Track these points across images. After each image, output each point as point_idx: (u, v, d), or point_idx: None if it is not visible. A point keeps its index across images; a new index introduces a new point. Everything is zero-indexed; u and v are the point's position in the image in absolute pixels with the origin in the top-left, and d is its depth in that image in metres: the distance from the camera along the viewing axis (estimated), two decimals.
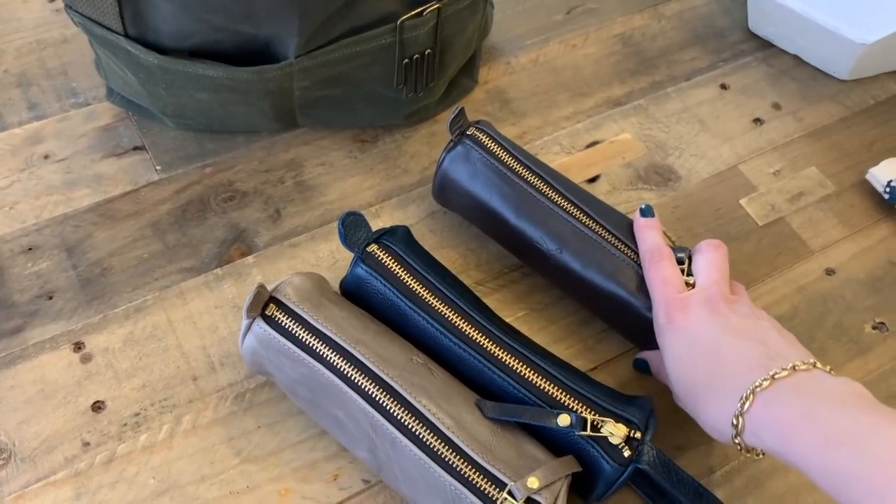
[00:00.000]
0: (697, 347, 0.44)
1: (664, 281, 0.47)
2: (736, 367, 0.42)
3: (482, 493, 0.40)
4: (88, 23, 0.50)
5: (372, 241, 0.48)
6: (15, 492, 0.45)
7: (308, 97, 0.55)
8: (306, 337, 0.44)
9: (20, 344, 0.50)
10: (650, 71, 0.68)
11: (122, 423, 0.48)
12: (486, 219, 0.53)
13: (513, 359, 0.45)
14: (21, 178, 0.57)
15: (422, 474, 0.41)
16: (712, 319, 0.44)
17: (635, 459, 0.42)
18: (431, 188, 0.55)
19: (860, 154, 0.65)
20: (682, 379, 0.44)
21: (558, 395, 0.44)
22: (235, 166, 0.59)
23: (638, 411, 0.43)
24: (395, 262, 0.47)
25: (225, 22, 0.48)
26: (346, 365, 0.43)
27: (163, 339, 0.51)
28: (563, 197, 0.51)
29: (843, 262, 0.58)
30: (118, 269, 0.54)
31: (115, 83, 0.57)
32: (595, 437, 0.42)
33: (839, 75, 0.68)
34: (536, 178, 0.52)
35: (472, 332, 0.46)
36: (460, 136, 0.53)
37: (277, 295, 0.45)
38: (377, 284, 0.47)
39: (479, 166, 0.52)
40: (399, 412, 0.42)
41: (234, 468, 0.47)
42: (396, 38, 0.52)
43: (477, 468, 0.41)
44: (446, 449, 0.41)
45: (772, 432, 0.39)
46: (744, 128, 0.65)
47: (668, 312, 0.46)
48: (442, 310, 0.46)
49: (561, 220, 0.50)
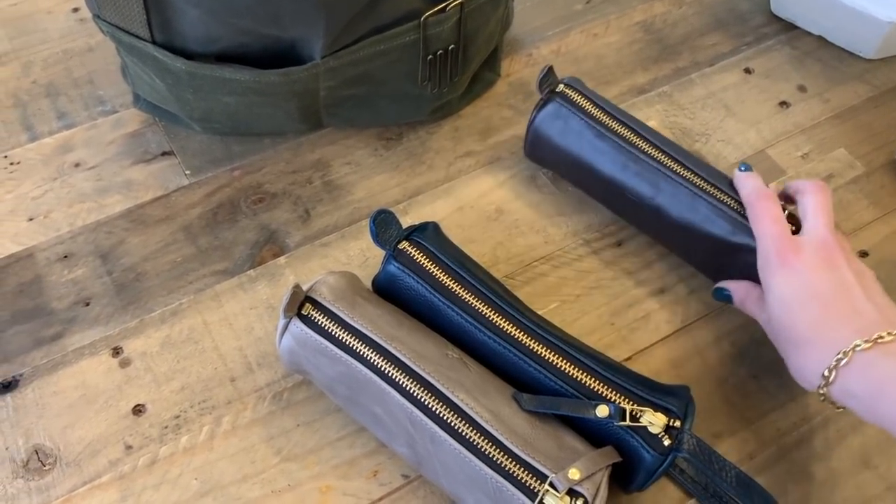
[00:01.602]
0: (808, 293, 0.44)
1: (774, 219, 0.47)
2: (842, 323, 0.42)
3: (523, 486, 0.40)
4: (116, 31, 0.50)
5: (403, 238, 0.48)
6: (62, 496, 0.46)
7: (333, 97, 0.55)
8: (343, 335, 0.44)
9: (60, 350, 0.51)
10: (673, 57, 0.68)
11: (162, 426, 0.49)
12: (579, 173, 0.55)
13: (548, 351, 0.45)
14: (53, 186, 0.58)
15: (462, 468, 0.41)
16: (827, 268, 0.44)
17: (675, 448, 0.42)
18: (524, 146, 0.58)
19: (889, 134, 0.64)
20: (782, 320, 0.45)
21: (595, 386, 0.44)
22: (263, 168, 0.60)
23: (676, 400, 0.43)
24: (426, 259, 0.47)
25: (251, 25, 0.48)
26: (384, 361, 0.43)
27: (199, 341, 0.52)
28: (656, 148, 0.53)
29: (875, 243, 0.58)
30: (152, 274, 0.54)
31: (143, 90, 0.57)
32: (634, 426, 0.42)
33: (865, 55, 0.68)
34: (628, 130, 0.54)
35: (507, 326, 0.46)
36: (550, 94, 0.55)
37: (313, 294, 0.45)
38: (410, 281, 0.47)
39: (570, 122, 0.54)
40: (437, 407, 0.42)
41: (274, 467, 0.47)
42: (420, 35, 0.52)
43: (517, 461, 0.41)
44: (486, 442, 0.41)
45: (863, 390, 0.41)
46: (770, 111, 0.65)
47: (781, 251, 0.45)
48: (475, 304, 0.46)
49: (653, 168, 0.52)
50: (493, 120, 0.63)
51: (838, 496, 0.47)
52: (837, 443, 0.49)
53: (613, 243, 0.57)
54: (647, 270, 0.56)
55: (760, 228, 0.47)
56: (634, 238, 0.57)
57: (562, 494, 0.39)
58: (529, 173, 0.60)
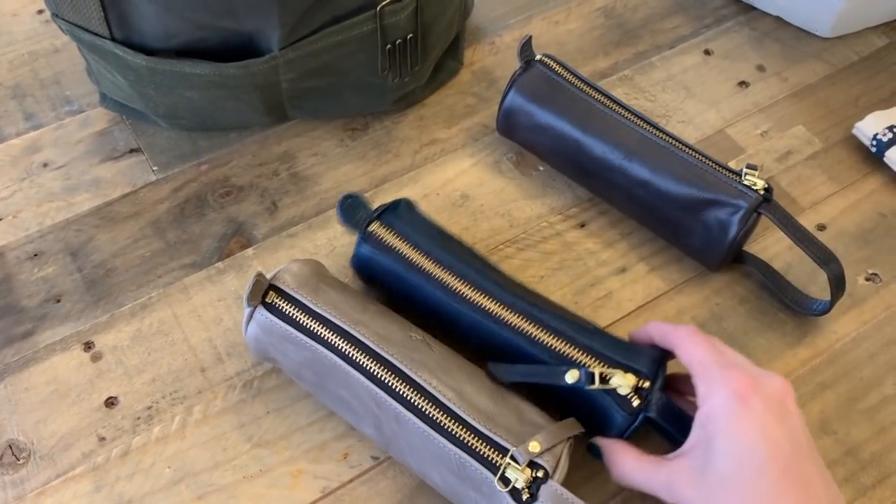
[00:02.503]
0: (767, 450, 0.37)
1: (717, 349, 0.42)
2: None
3: (486, 460, 0.41)
4: (76, 29, 0.51)
5: (373, 220, 0.49)
6: (36, 488, 0.47)
7: (296, 89, 0.56)
8: (307, 321, 0.45)
9: (32, 347, 0.52)
10: (634, 42, 0.69)
11: (135, 417, 0.49)
12: (552, 141, 0.56)
13: (520, 319, 0.46)
14: (22, 186, 0.59)
15: (426, 446, 0.42)
16: (785, 426, 0.38)
17: (644, 409, 0.43)
18: (496, 120, 0.59)
19: (846, 110, 0.65)
20: (734, 483, 0.37)
21: (567, 351, 0.45)
22: (230, 162, 0.60)
23: (647, 361, 0.44)
24: (397, 238, 0.49)
25: (207, 19, 0.49)
26: (348, 346, 0.44)
27: (169, 333, 0.52)
28: (630, 112, 0.55)
29: (833, 216, 0.59)
30: (122, 269, 0.55)
31: (107, 88, 0.58)
32: (605, 389, 0.44)
33: (822, 33, 0.69)
34: (603, 96, 0.56)
35: (479, 298, 0.47)
36: (528, 63, 0.57)
37: (276, 282, 0.46)
38: (383, 261, 0.49)
39: (547, 87, 0.56)
40: (401, 388, 0.43)
41: (246, 453, 0.48)
42: (377, 25, 0.53)
43: (480, 436, 0.42)
44: (448, 420, 0.42)
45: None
46: (729, 91, 0.66)
47: (739, 388, 0.39)
48: (447, 279, 0.48)
49: (628, 129, 0.54)
50: (458, 108, 0.64)
51: None
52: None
53: (576, 225, 0.58)
54: (608, 250, 0.57)
55: (704, 359, 0.41)
56: (596, 220, 0.58)
57: (522, 467, 0.40)
58: (493, 160, 0.61)
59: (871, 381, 0.52)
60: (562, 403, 0.46)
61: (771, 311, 0.54)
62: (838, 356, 0.53)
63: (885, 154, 0.60)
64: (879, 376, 0.52)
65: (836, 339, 0.53)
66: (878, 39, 0.70)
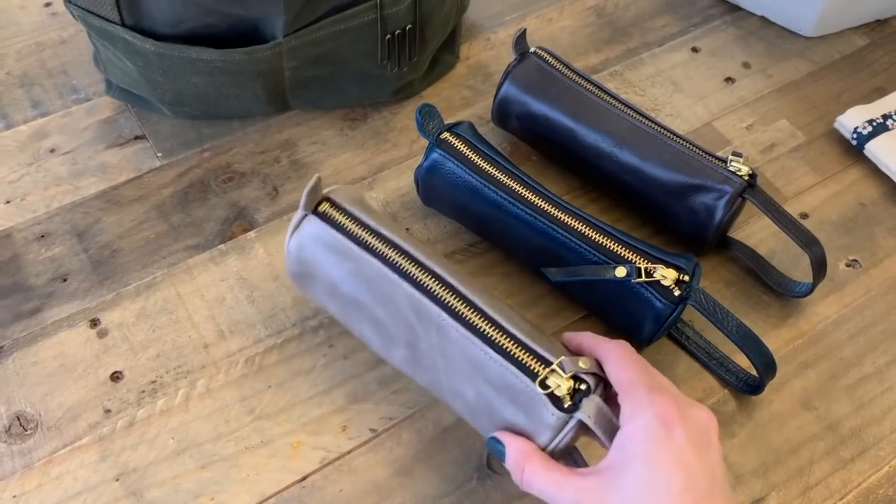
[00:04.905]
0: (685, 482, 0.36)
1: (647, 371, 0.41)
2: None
3: (528, 369, 0.41)
4: (87, 15, 0.53)
5: (445, 130, 0.54)
6: (44, 457, 0.48)
7: (298, 78, 0.58)
8: (359, 231, 0.45)
9: (39, 324, 0.53)
10: (624, 39, 0.71)
11: (140, 391, 0.51)
12: (545, 129, 0.58)
13: (574, 220, 0.51)
14: (30, 171, 0.60)
15: (466, 354, 0.42)
16: (704, 459, 0.37)
17: (685, 297, 0.48)
18: (491, 110, 0.62)
19: (828, 105, 0.67)
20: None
21: (615, 248, 0.50)
22: (232, 149, 0.62)
23: (685, 260, 0.49)
24: (466, 147, 0.54)
25: (215, 4, 0.51)
26: (396, 255, 0.44)
27: (173, 311, 0.54)
28: (621, 102, 0.57)
29: (816, 206, 0.61)
30: (127, 250, 0.57)
31: (115, 75, 0.60)
32: (649, 282, 0.47)
33: (805, 32, 0.71)
34: (595, 86, 0.58)
35: (537, 200, 0.52)
36: (522, 55, 0.59)
37: (331, 195, 0.47)
38: (451, 166, 0.53)
39: (541, 78, 0.58)
40: (446, 296, 0.43)
41: (247, 425, 0.50)
42: (378, 15, 0.55)
43: (524, 347, 0.42)
44: (492, 329, 0.42)
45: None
46: (716, 87, 0.68)
47: (665, 414, 0.37)
48: (510, 184, 0.52)
49: (619, 118, 0.56)
50: (454, 100, 0.66)
51: (781, 436, 0.50)
52: (780, 387, 0.52)
53: None
54: None
55: (623, 371, 0.40)
56: (588, 207, 0.60)
57: (567, 376, 0.40)
58: None
59: (851, 361, 0.54)
60: (602, 301, 0.51)
61: (756, 294, 0.56)
62: (820, 337, 0.55)
63: (866, 146, 0.62)
64: (859, 356, 0.54)
65: (818, 321, 0.55)
66: (860, 39, 0.72)
